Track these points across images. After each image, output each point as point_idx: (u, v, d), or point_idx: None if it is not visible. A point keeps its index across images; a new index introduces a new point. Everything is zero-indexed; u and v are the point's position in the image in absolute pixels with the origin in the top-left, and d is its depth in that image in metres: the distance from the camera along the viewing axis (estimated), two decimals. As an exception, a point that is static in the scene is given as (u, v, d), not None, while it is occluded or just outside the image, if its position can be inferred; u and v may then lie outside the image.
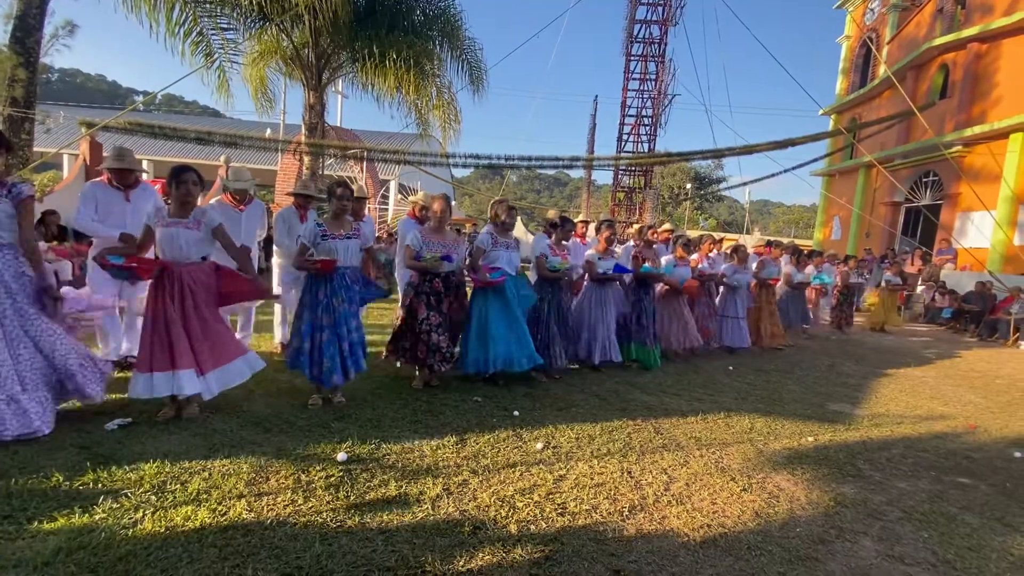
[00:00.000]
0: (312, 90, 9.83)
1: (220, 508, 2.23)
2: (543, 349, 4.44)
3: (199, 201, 3.24)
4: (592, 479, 2.77)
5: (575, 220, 6.13)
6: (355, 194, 4.25)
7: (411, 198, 5.22)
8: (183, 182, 3.06)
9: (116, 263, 2.89)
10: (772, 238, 11.38)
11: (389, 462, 2.78)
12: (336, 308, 3.44)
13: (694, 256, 6.26)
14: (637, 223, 12.32)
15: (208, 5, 6.76)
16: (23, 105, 8.44)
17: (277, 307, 4.74)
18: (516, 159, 9.84)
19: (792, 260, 7.80)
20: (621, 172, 19.90)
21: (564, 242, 4.79)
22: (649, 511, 2.50)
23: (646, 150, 18.88)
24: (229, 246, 3.23)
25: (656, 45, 18.51)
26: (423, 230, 4.12)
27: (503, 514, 2.36)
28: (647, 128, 19.04)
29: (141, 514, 2.14)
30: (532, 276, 4.75)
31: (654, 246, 5.71)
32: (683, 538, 2.30)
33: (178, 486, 2.38)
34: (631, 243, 6.03)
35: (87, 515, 2.11)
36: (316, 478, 2.54)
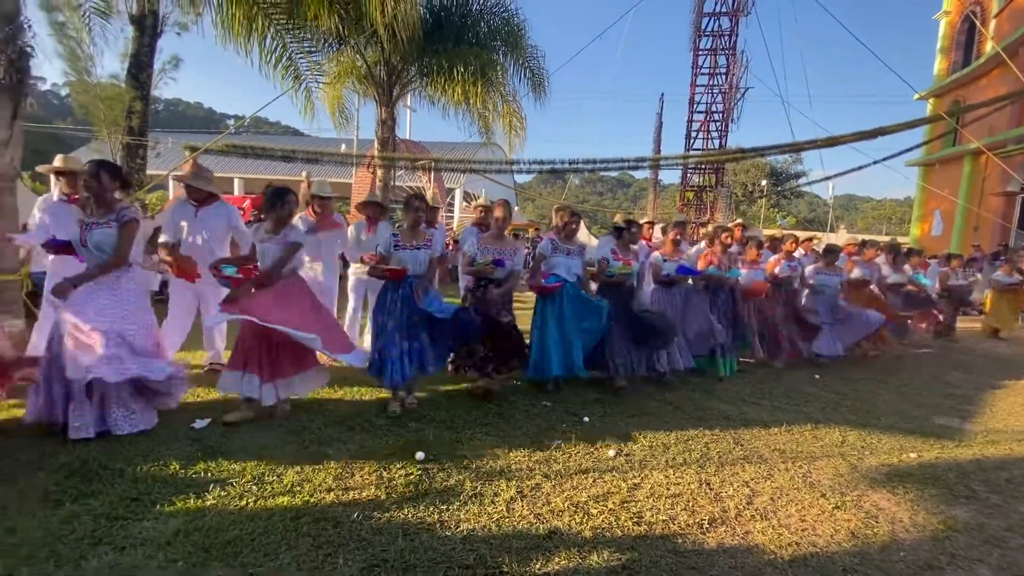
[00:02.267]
0: (384, 106, 10.33)
1: (312, 500, 2.40)
2: (606, 357, 4.38)
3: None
4: (668, 489, 2.70)
5: (640, 222, 6.01)
6: (429, 203, 4.45)
7: (474, 203, 5.34)
8: (286, 203, 3.34)
9: (227, 273, 3.20)
10: (866, 236, 10.49)
11: (463, 463, 2.86)
12: (403, 315, 3.59)
13: (772, 257, 5.92)
14: (708, 223, 11.83)
15: (296, 32, 7.31)
16: (138, 133, 9.49)
17: (348, 312, 5.02)
18: (580, 162, 9.80)
19: (889, 259, 7.10)
20: (690, 171, 19.23)
21: (632, 246, 4.69)
22: (731, 525, 2.40)
23: (716, 147, 18.12)
24: (285, 265, 3.40)
25: (726, 37, 17.76)
26: (482, 237, 4.21)
27: (577, 520, 2.36)
28: (717, 124, 18.28)
29: (245, 502, 2.35)
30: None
31: (731, 248, 5.46)
32: (769, 555, 2.19)
33: (275, 478, 2.59)
34: (702, 244, 5.80)
35: (200, 501, 2.34)
36: (396, 475, 2.67)
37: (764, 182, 40.03)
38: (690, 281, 5.13)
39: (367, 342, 5.02)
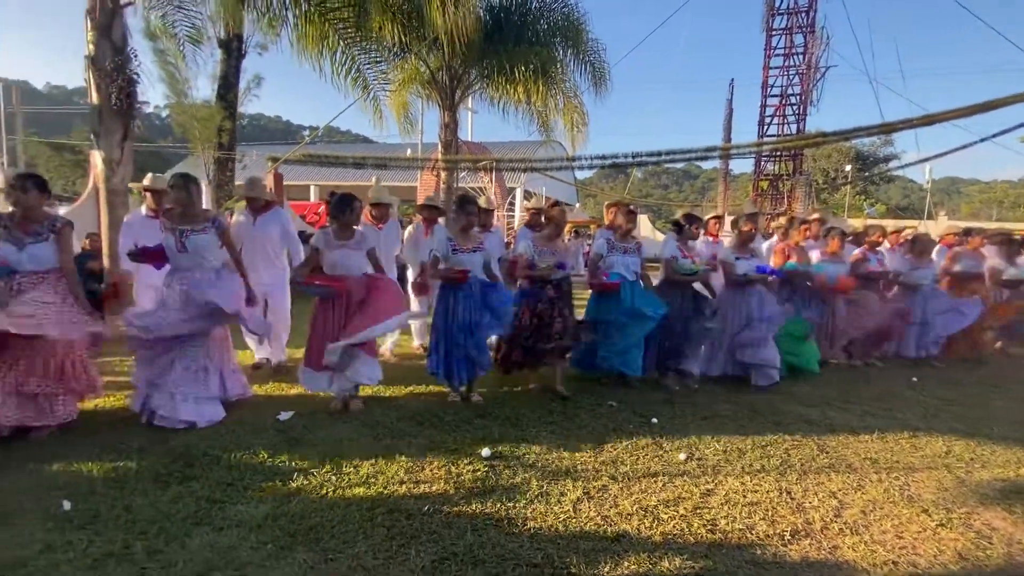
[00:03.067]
0: (446, 109, 10.58)
1: (386, 492, 2.50)
2: (674, 356, 4.22)
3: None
4: (745, 496, 2.56)
5: (708, 216, 5.74)
6: (483, 206, 4.49)
7: (527, 204, 5.32)
8: (352, 209, 3.51)
9: (320, 282, 3.43)
10: (970, 224, 9.38)
11: (529, 461, 2.87)
12: (462, 316, 3.67)
13: (856, 250, 5.45)
14: (785, 213, 11.10)
15: (363, 44, 7.66)
16: (227, 148, 10.36)
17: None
18: (644, 155, 9.52)
19: (1003, 250, 6.18)
20: (764, 159, 18.14)
21: (690, 241, 4.46)
22: (816, 538, 2.24)
23: (794, 132, 16.96)
24: (377, 266, 3.68)
25: (803, 14, 16.56)
26: (535, 238, 4.18)
27: (647, 524, 2.29)
28: (794, 108, 17.11)
29: (325, 491, 2.49)
30: (659, 277, 4.52)
31: (807, 241, 5.08)
32: (861, 574, 2.02)
33: (351, 469, 2.72)
34: (775, 239, 5.44)
35: (285, 488, 2.51)
36: (464, 471, 2.73)
37: (848, 167, 36.90)
38: (769, 279, 4.83)
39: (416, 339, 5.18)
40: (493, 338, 4.22)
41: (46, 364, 2.95)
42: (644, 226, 21.05)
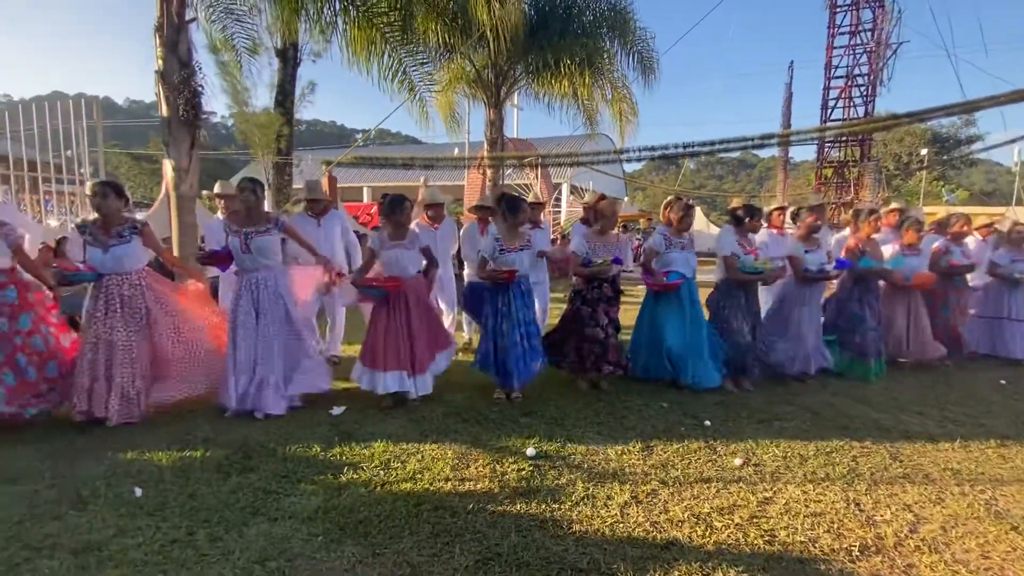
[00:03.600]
0: (492, 107, 10.61)
1: (431, 488, 2.52)
2: (734, 358, 4.02)
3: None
4: (807, 506, 2.40)
5: (770, 207, 5.42)
6: (531, 200, 4.47)
7: (580, 201, 5.25)
8: (403, 209, 3.57)
9: (374, 296, 3.54)
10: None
11: (575, 462, 2.81)
12: (513, 315, 3.65)
13: (937, 242, 5.00)
14: (852, 203, 10.39)
15: (409, 47, 7.79)
16: (285, 153, 10.85)
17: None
18: (696, 145, 9.16)
19: None
20: (828, 145, 17.05)
21: (751, 234, 4.23)
22: (888, 555, 2.06)
23: (861, 115, 15.84)
24: (431, 260, 3.75)
25: (871, -12, 15.40)
26: (588, 234, 4.08)
27: (699, 532, 2.19)
28: (862, 89, 15.96)
29: (373, 486, 2.54)
30: (716, 274, 4.30)
31: (879, 233, 4.70)
32: (943, 597, 1.83)
33: (399, 465, 2.77)
34: (847, 230, 5.06)
35: (336, 481, 2.58)
36: (509, 470, 2.71)
37: (924, 151, 34.04)
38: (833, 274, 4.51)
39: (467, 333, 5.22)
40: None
41: (146, 363, 3.23)
42: (698, 219, 20.33)
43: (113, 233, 3.24)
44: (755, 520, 2.28)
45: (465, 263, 5.27)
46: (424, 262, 3.73)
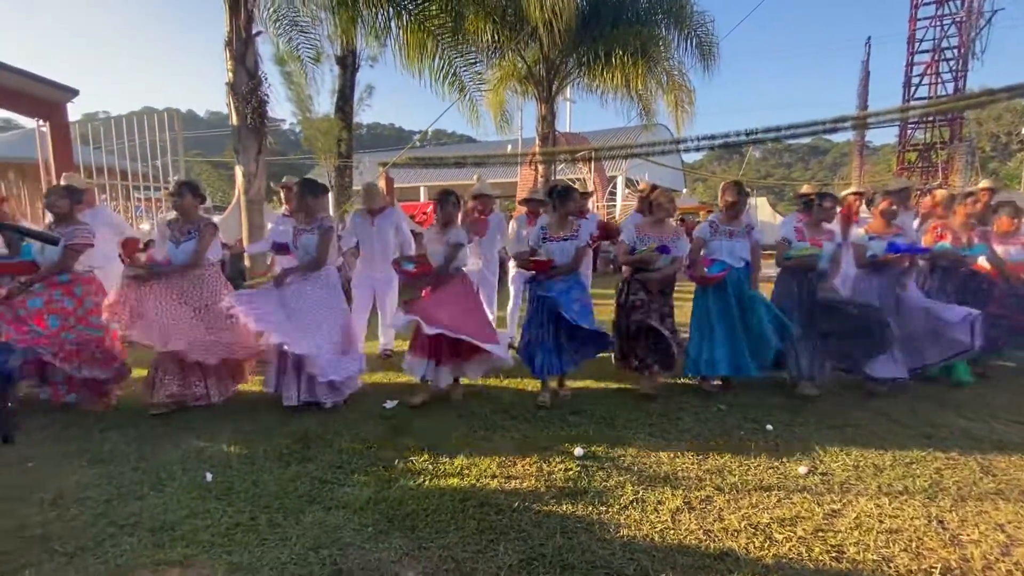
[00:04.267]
0: (543, 102, 10.55)
1: (478, 484, 2.54)
2: (790, 355, 3.75)
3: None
4: (881, 522, 2.20)
5: (846, 192, 5.03)
6: (580, 190, 4.41)
7: (637, 190, 5.11)
8: (448, 204, 3.62)
9: (405, 268, 3.61)
10: None
11: (624, 464, 2.73)
12: (550, 308, 3.58)
13: None
14: (939, 188, 9.48)
15: (459, 47, 7.89)
16: (345, 156, 11.30)
17: (509, 304, 5.23)
18: (760, 132, 8.68)
19: None
20: (912, 126, 15.63)
21: (825, 223, 3.92)
22: (978, 581, 1.85)
23: (950, 92, 14.38)
24: (451, 263, 3.70)
25: (964, -50, 13.92)
26: (639, 223, 3.94)
27: (756, 544, 2.06)
28: (951, 63, 14.48)
29: (421, 479, 2.59)
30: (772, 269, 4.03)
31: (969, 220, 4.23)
32: (1045, 633, 1.62)
33: (447, 459, 2.80)
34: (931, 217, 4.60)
35: (387, 473, 2.65)
36: (556, 469, 2.67)
37: (1028, 129, 30.43)
38: (920, 262, 4.11)
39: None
40: None
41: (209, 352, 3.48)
42: (763, 209, 19.26)
43: (186, 230, 3.50)
44: (820, 534, 2.12)
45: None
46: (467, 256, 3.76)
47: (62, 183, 4.74)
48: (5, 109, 6.77)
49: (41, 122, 6.40)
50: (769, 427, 3.19)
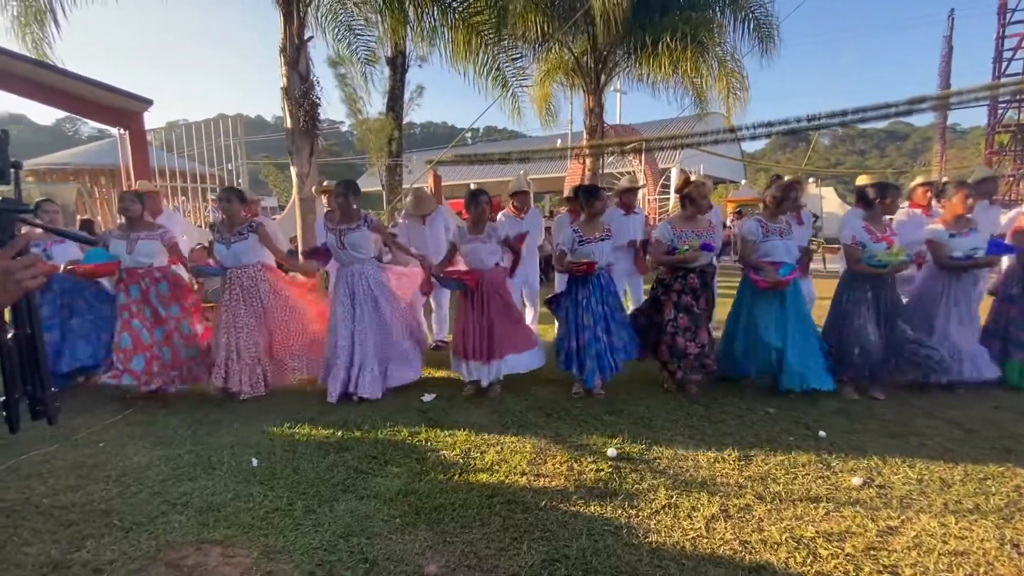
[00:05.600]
0: (591, 94, 10.36)
1: (506, 481, 2.52)
2: (857, 360, 3.47)
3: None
4: (945, 542, 1.99)
5: (915, 182, 4.59)
6: (627, 185, 4.28)
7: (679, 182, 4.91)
8: (479, 203, 3.62)
9: (456, 276, 3.67)
10: None
11: (659, 467, 2.63)
12: (593, 309, 3.52)
13: None
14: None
15: (502, 43, 7.88)
16: (396, 155, 11.61)
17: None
18: (824, 117, 8.10)
19: None
20: (1003, 105, 14.12)
21: (888, 217, 3.58)
22: (1060, 617, 1.63)
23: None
24: (517, 255, 3.77)
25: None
26: (673, 219, 3.77)
27: (798, 559, 1.92)
28: (1054, 33, 12.93)
29: (451, 473, 2.60)
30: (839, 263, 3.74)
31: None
32: None
33: (478, 455, 2.81)
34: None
35: (419, 466, 2.69)
36: (587, 469, 2.61)
37: None
38: (1004, 262, 3.71)
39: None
40: None
41: (265, 345, 3.69)
42: (831, 200, 18.05)
43: (235, 232, 3.70)
44: (872, 552, 1.95)
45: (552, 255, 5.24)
46: (505, 252, 3.75)
47: (136, 189, 5.15)
48: (90, 119, 7.43)
49: (122, 130, 6.98)
50: (822, 433, 2.97)
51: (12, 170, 1.00)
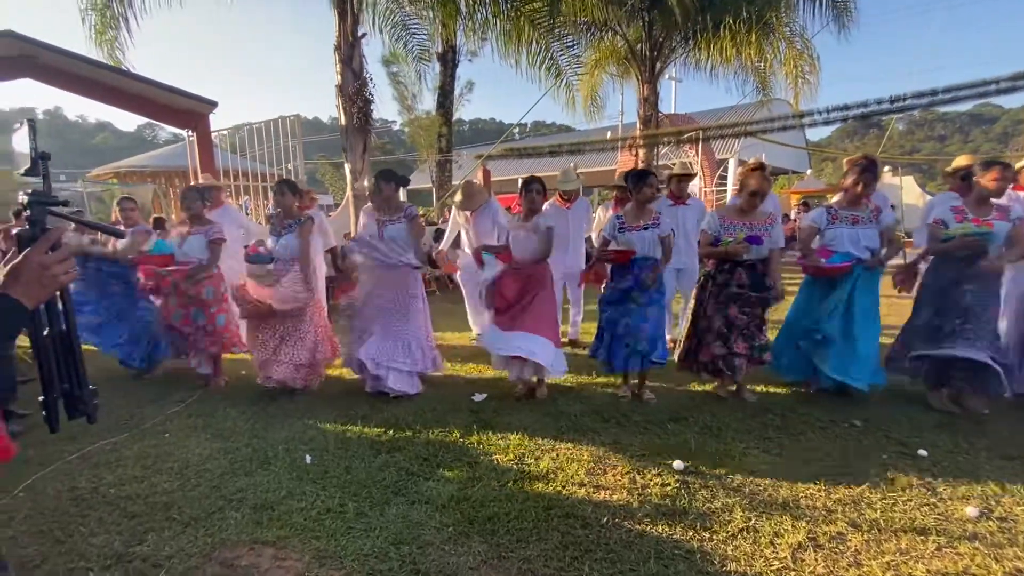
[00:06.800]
0: (645, 83, 9.94)
1: (564, 492, 2.36)
2: (947, 368, 3.07)
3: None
4: (1097, 595, 1.66)
5: (1019, 164, 4.02)
6: (678, 172, 4.02)
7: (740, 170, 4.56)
8: (531, 191, 3.47)
9: (486, 259, 3.55)
10: None
11: (733, 484, 2.39)
12: (633, 300, 3.30)
13: None
14: None
15: (556, 31, 7.66)
16: (445, 151, 11.64)
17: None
18: (911, 97, 7.36)
19: None
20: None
21: (996, 199, 3.12)
22: None
23: None
24: (548, 246, 3.56)
25: None
26: (725, 210, 3.46)
27: (909, 602, 1.65)
28: None
29: (506, 480, 2.47)
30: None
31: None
32: None
33: (533, 460, 2.67)
34: None
35: (472, 471, 2.58)
36: (651, 483, 2.41)
37: None
38: None
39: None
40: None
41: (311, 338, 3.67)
42: (910, 191, 16.60)
43: (286, 225, 3.72)
44: (1002, 600, 1.65)
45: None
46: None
47: (200, 182, 5.33)
48: (160, 121, 7.83)
49: (190, 132, 7.32)
50: (922, 452, 2.62)
51: (41, 161, 0.93)
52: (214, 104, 7.08)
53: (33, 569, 1.89)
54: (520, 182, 3.57)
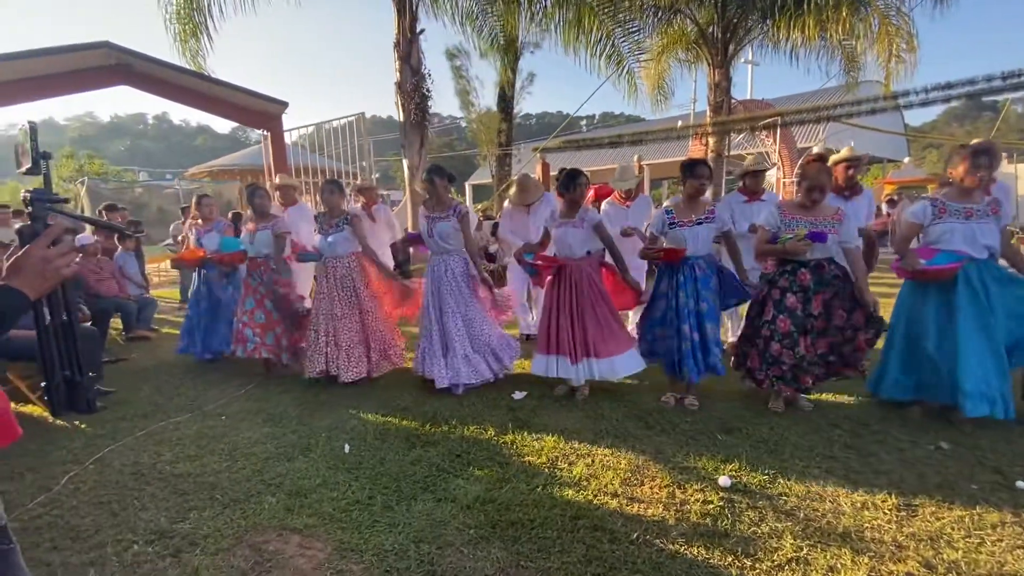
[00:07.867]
0: (717, 68, 9.35)
1: (594, 501, 2.24)
2: None
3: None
4: None
5: None
6: (751, 167, 3.68)
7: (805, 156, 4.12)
8: (577, 185, 3.32)
9: (528, 260, 3.43)
10: None
11: (785, 506, 2.16)
12: (681, 301, 3.08)
13: None
14: None
15: (618, 17, 7.37)
16: (505, 145, 11.62)
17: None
18: (1022, 75, 6.38)
19: None
20: None
21: None
22: None
23: None
24: (608, 244, 3.39)
25: None
26: (786, 204, 3.10)
27: (992, 668, 1.39)
28: None
29: (535, 484, 2.38)
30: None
31: None
32: None
33: (566, 465, 2.56)
34: None
35: (502, 471, 2.51)
36: (692, 499, 2.23)
37: None
38: None
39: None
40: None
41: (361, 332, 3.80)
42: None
43: (333, 223, 3.82)
44: None
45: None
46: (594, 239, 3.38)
47: (276, 182, 5.64)
48: (238, 122, 8.39)
49: (264, 132, 7.79)
50: (1022, 484, 2.24)
51: (43, 161, 0.96)
52: (285, 104, 7.48)
53: (87, 539, 2.05)
54: (561, 175, 3.40)
